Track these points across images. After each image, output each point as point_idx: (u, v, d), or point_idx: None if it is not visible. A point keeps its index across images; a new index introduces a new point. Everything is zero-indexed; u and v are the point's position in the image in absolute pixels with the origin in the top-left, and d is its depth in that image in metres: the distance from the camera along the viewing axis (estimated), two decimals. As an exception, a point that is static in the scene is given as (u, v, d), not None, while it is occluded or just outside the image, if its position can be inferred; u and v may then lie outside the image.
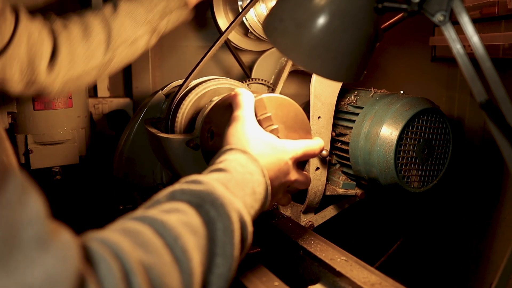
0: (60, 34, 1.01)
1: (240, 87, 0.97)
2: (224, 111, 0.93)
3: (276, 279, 0.86)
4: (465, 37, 0.61)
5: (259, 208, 0.71)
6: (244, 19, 1.30)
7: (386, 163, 1.06)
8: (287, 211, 1.24)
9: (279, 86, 1.25)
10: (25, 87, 0.98)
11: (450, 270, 1.49)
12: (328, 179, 1.21)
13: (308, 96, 1.14)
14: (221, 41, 1.16)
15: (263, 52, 1.37)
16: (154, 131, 1.15)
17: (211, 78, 1.15)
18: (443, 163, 1.13)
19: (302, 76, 1.42)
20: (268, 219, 1.14)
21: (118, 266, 0.44)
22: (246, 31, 1.35)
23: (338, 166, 1.25)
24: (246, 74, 1.36)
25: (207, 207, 0.58)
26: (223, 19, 1.37)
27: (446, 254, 1.49)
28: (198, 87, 1.14)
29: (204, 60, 1.12)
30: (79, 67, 1.03)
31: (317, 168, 1.17)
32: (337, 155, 1.23)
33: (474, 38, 0.61)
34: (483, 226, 1.37)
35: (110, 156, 1.33)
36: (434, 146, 1.11)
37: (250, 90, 0.88)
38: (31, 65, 0.96)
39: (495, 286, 0.67)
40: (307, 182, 0.87)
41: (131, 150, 1.27)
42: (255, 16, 1.29)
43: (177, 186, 0.62)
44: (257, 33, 1.31)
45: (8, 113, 1.35)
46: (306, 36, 0.68)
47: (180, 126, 1.13)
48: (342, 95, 1.22)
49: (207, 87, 1.14)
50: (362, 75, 0.75)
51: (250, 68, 1.37)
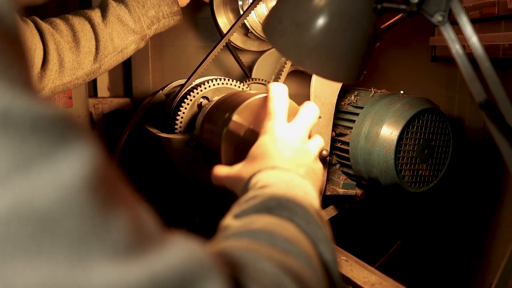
0: (49, 41, 0.99)
1: (272, 85, 0.93)
2: (224, 111, 0.93)
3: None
4: (464, 37, 0.62)
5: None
6: (244, 20, 1.30)
7: (386, 163, 1.06)
8: (287, 211, 1.24)
9: (279, 86, 1.25)
10: None
11: (450, 270, 1.49)
12: (328, 179, 1.21)
13: (308, 96, 1.14)
14: (222, 43, 1.16)
15: (263, 52, 1.37)
16: (154, 131, 1.15)
17: (211, 78, 1.16)
18: (443, 163, 1.13)
19: (302, 76, 1.42)
20: (268, 219, 1.14)
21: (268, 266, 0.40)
22: (246, 31, 1.35)
23: (338, 166, 1.25)
24: (246, 74, 1.36)
25: (277, 212, 0.52)
26: (223, 18, 1.37)
27: (446, 254, 1.49)
28: (198, 87, 1.14)
29: (205, 62, 1.13)
30: (67, 76, 1.02)
31: (317, 168, 1.17)
32: (337, 155, 1.23)
33: (473, 38, 0.61)
34: (483, 226, 1.37)
35: (110, 156, 1.33)
36: (434, 146, 1.11)
37: (282, 88, 0.83)
38: None
39: (495, 286, 0.67)
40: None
41: (131, 150, 1.27)
42: (256, 16, 1.29)
43: (230, 219, 0.53)
44: (257, 33, 1.31)
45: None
46: (305, 37, 0.69)
47: (180, 126, 1.13)
48: (342, 95, 1.22)
49: (207, 87, 1.14)
50: (362, 76, 0.75)
51: (250, 68, 1.37)
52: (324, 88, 1.13)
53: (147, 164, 1.46)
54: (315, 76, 1.11)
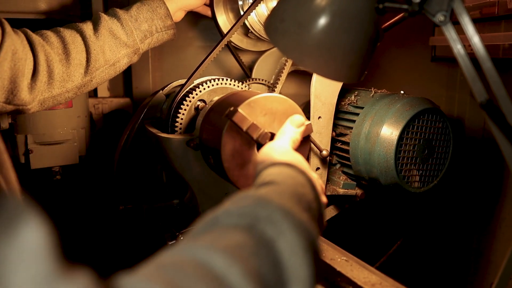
0: (39, 52, 0.97)
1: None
2: (226, 109, 0.93)
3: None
4: (465, 37, 0.62)
5: (318, 223, 0.58)
6: (244, 20, 1.30)
7: (387, 163, 1.06)
8: (287, 211, 1.24)
9: (278, 86, 1.25)
10: (3, 104, 0.93)
11: (450, 270, 1.49)
12: (328, 179, 1.21)
13: (308, 96, 1.14)
14: (222, 43, 1.16)
15: (263, 52, 1.37)
16: (155, 131, 1.15)
17: (211, 78, 1.15)
18: (443, 163, 1.13)
19: (302, 76, 1.43)
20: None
21: None
22: (247, 31, 1.35)
23: (338, 166, 1.25)
24: (246, 74, 1.36)
25: (262, 225, 0.46)
26: (223, 18, 1.37)
27: (446, 254, 1.49)
28: (199, 87, 1.14)
29: (205, 62, 1.13)
30: (56, 88, 1.00)
31: (317, 168, 1.17)
32: (337, 155, 1.23)
33: (475, 38, 0.61)
34: (483, 226, 1.37)
35: (110, 156, 1.33)
36: (435, 146, 1.11)
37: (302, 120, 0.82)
38: (13, 82, 0.91)
39: (495, 286, 0.67)
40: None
41: (131, 150, 1.27)
42: (256, 16, 1.29)
43: (220, 208, 0.49)
44: (257, 33, 1.31)
45: (8, 113, 1.35)
46: (307, 36, 0.68)
47: (180, 126, 1.13)
48: (342, 95, 1.22)
49: (207, 88, 1.14)
50: (363, 75, 0.75)
51: (250, 68, 1.37)
52: (325, 88, 1.13)
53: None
54: (315, 76, 1.11)
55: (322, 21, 0.67)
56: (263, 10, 1.29)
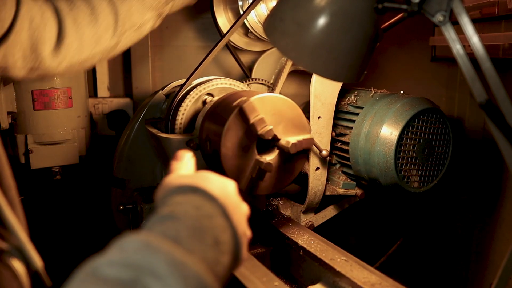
0: (66, 16, 0.96)
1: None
2: (226, 109, 0.93)
3: (276, 279, 0.86)
4: (465, 37, 0.61)
5: (230, 262, 0.53)
6: (244, 20, 1.30)
7: (386, 163, 1.06)
8: (287, 211, 1.24)
9: (278, 86, 1.25)
10: (28, 73, 0.93)
11: (450, 270, 1.49)
12: (328, 179, 1.21)
13: (308, 96, 1.14)
14: (222, 43, 1.16)
15: (263, 52, 1.37)
16: (154, 131, 1.15)
17: (211, 78, 1.15)
18: (443, 163, 1.13)
19: (302, 76, 1.42)
20: (268, 219, 1.14)
21: None
22: (246, 31, 1.35)
23: (338, 166, 1.25)
24: (246, 74, 1.36)
25: (147, 280, 0.41)
26: (223, 18, 1.37)
27: (446, 254, 1.49)
28: (198, 87, 1.14)
29: (205, 62, 1.13)
30: (86, 51, 0.99)
31: (317, 168, 1.17)
32: (337, 155, 1.23)
33: (474, 39, 0.61)
34: (483, 227, 1.37)
35: (110, 156, 1.33)
36: (434, 146, 1.11)
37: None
38: (34, 51, 0.90)
39: (495, 286, 0.67)
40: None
41: (131, 150, 1.27)
42: (256, 16, 1.29)
43: (103, 256, 0.44)
44: (257, 33, 1.31)
45: (8, 113, 1.35)
46: (306, 36, 0.68)
47: (180, 126, 1.13)
48: (342, 95, 1.22)
49: (207, 87, 1.14)
50: (362, 75, 0.75)
51: (250, 68, 1.37)
52: (324, 88, 1.13)
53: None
54: (315, 76, 1.11)
55: (322, 21, 0.67)
56: (263, 10, 1.29)
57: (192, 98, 1.14)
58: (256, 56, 1.39)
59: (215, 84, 1.14)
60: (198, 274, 0.44)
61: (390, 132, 1.06)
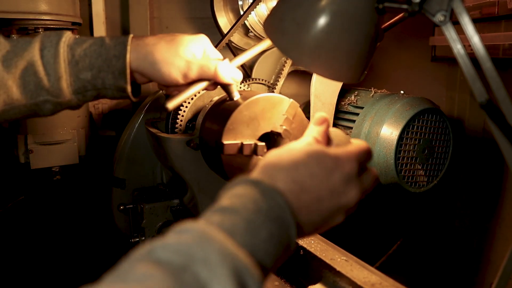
0: None
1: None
2: (221, 116, 0.94)
3: (276, 278, 0.86)
4: (465, 37, 0.61)
5: (282, 253, 0.54)
6: (244, 20, 1.30)
7: (387, 163, 1.06)
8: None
9: (278, 86, 1.25)
10: None
11: (450, 270, 1.49)
12: (328, 179, 1.21)
13: (308, 96, 1.14)
14: (222, 43, 1.16)
15: (263, 52, 1.37)
16: (154, 131, 1.15)
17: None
18: (443, 163, 1.13)
19: (302, 76, 1.42)
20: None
21: None
22: (247, 31, 1.35)
23: (338, 166, 1.25)
24: (246, 74, 1.36)
25: (197, 267, 0.43)
26: (223, 18, 1.37)
27: (446, 254, 1.49)
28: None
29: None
30: None
31: (317, 168, 1.17)
32: (337, 155, 1.23)
33: (475, 38, 0.61)
34: (483, 226, 1.37)
35: (110, 156, 1.33)
36: (434, 146, 1.11)
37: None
38: None
39: (495, 286, 0.67)
40: (375, 180, 0.69)
41: (131, 150, 1.27)
42: (256, 16, 1.29)
43: (161, 238, 0.47)
44: (257, 32, 1.31)
45: None
46: (306, 36, 0.68)
47: (181, 126, 1.13)
48: (342, 95, 1.22)
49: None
50: (362, 75, 0.75)
51: (250, 68, 1.37)
52: (324, 88, 1.13)
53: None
54: (315, 76, 1.11)
55: (322, 21, 0.67)
56: (263, 10, 1.29)
57: (192, 98, 1.14)
58: (256, 56, 1.38)
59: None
60: (247, 267, 0.46)
61: (390, 132, 1.06)
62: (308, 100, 1.15)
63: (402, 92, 1.16)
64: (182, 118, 1.14)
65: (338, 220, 0.64)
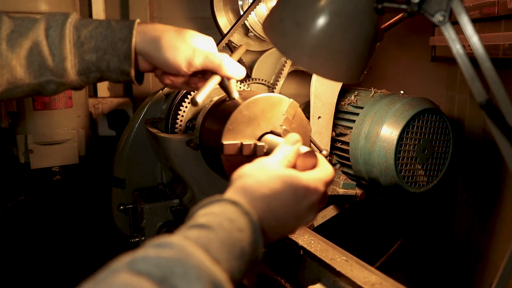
0: None
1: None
2: (220, 117, 0.94)
3: (276, 279, 0.86)
4: (465, 37, 0.61)
5: (248, 268, 0.58)
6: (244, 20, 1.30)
7: (386, 163, 1.06)
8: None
9: (278, 86, 1.25)
10: None
11: (450, 269, 1.49)
12: (328, 179, 1.21)
13: (308, 96, 1.14)
14: (222, 43, 1.16)
15: (263, 52, 1.37)
16: (154, 131, 1.15)
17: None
18: (443, 163, 1.13)
19: (302, 76, 1.42)
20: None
21: None
22: (247, 31, 1.35)
23: (338, 166, 1.25)
24: (247, 74, 1.36)
25: (175, 280, 0.46)
26: (223, 18, 1.37)
27: (446, 254, 1.49)
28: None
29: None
30: None
31: (317, 168, 1.17)
32: (337, 155, 1.23)
33: (474, 38, 0.61)
34: (483, 226, 1.37)
35: (110, 156, 1.33)
36: (434, 146, 1.11)
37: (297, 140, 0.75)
38: None
39: (495, 286, 0.67)
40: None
41: (131, 150, 1.27)
42: (255, 16, 1.29)
43: (141, 251, 0.49)
44: (257, 33, 1.31)
45: (8, 113, 1.35)
46: (306, 36, 0.69)
47: (181, 126, 1.13)
48: (342, 95, 1.22)
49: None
50: (362, 76, 0.75)
51: (250, 68, 1.37)
52: (324, 88, 1.13)
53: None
54: (315, 76, 1.11)
55: (321, 21, 0.67)
56: (263, 10, 1.29)
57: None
58: (256, 56, 1.39)
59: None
60: (221, 282, 0.49)
61: (390, 132, 1.06)
62: (308, 100, 1.15)
63: (402, 92, 1.16)
64: (182, 118, 1.14)
65: (290, 235, 0.73)
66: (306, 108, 1.16)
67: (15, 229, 1.51)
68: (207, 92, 0.87)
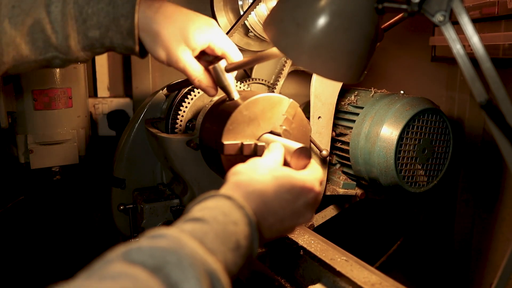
0: None
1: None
2: (220, 117, 0.93)
3: (276, 279, 0.86)
4: (465, 37, 0.61)
5: (244, 263, 0.59)
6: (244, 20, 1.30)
7: (387, 163, 1.06)
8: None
9: (278, 86, 1.25)
10: None
11: (450, 270, 1.49)
12: (328, 179, 1.21)
13: (308, 96, 1.14)
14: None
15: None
16: (155, 131, 1.15)
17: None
18: (443, 163, 1.13)
19: (302, 76, 1.42)
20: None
21: None
22: (247, 31, 1.35)
23: (338, 166, 1.25)
24: (246, 74, 1.36)
25: (169, 269, 0.46)
26: (223, 19, 1.37)
27: (446, 254, 1.49)
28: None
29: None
30: None
31: (317, 168, 1.17)
32: (337, 155, 1.23)
33: (474, 38, 0.61)
34: (483, 226, 1.37)
35: (110, 156, 1.33)
36: (434, 146, 1.11)
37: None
38: None
39: (495, 286, 0.67)
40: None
41: (131, 150, 1.27)
42: (256, 16, 1.29)
43: (135, 242, 0.50)
44: (257, 33, 1.31)
45: (8, 113, 1.35)
46: (306, 36, 0.69)
47: (181, 126, 1.13)
48: (342, 95, 1.22)
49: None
50: (362, 75, 0.75)
51: (250, 68, 1.37)
52: (324, 88, 1.13)
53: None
54: (315, 76, 1.11)
55: (321, 21, 0.67)
56: (263, 10, 1.29)
57: (193, 97, 1.14)
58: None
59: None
60: (215, 271, 0.50)
61: (390, 132, 1.06)
62: (308, 100, 1.15)
63: (402, 92, 1.16)
64: (182, 118, 1.14)
65: (289, 233, 0.76)
66: (306, 108, 1.16)
67: (15, 229, 1.51)
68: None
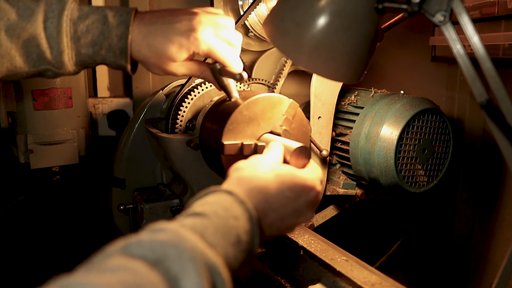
0: None
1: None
2: (221, 117, 0.94)
3: (276, 279, 0.86)
4: (465, 37, 0.61)
5: (245, 258, 0.59)
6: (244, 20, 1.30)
7: (387, 163, 1.06)
8: (287, 211, 1.24)
9: (278, 86, 1.25)
10: None
11: (450, 270, 1.49)
12: (328, 179, 1.21)
13: (308, 96, 1.14)
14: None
15: (263, 52, 1.37)
16: (155, 131, 1.15)
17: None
18: (443, 163, 1.13)
19: (302, 76, 1.42)
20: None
21: None
22: (247, 31, 1.35)
23: (338, 166, 1.25)
24: (247, 73, 1.36)
25: (169, 263, 0.46)
26: (223, 19, 1.37)
27: (446, 254, 1.49)
28: (199, 87, 1.14)
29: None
30: None
31: (317, 168, 1.17)
32: (337, 155, 1.23)
33: (474, 38, 0.61)
34: (483, 226, 1.37)
35: (110, 156, 1.33)
36: (434, 146, 1.11)
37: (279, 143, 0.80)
38: None
39: (495, 286, 0.67)
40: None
41: (131, 150, 1.27)
42: (256, 16, 1.29)
43: (135, 236, 0.50)
44: (257, 32, 1.31)
45: (8, 113, 1.35)
46: (306, 36, 0.69)
47: (181, 126, 1.13)
48: (342, 95, 1.22)
49: (207, 87, 1.14)
50: (362, 76, 0.75)
51: (250, 68, 1.37)
52: (324, 88, 1.13)
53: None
54: (315, 76, 1.11)
55: (322, 21, 0.67)
56: (263, 10, 1.29)
57: (193, 97, 1.14)
58: (256, 56, 1.38)
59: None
60: (215, 265, 0.50)
61: (390, 132, 1.06)
62: (308, 100, 1.15)
63: (402, 92, 1.16)
64: (182, 118, 1.14)
65: (290, 232, 0.76)
66: (306, 108, 1.16)
67: (15, 229, 1.51)
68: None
